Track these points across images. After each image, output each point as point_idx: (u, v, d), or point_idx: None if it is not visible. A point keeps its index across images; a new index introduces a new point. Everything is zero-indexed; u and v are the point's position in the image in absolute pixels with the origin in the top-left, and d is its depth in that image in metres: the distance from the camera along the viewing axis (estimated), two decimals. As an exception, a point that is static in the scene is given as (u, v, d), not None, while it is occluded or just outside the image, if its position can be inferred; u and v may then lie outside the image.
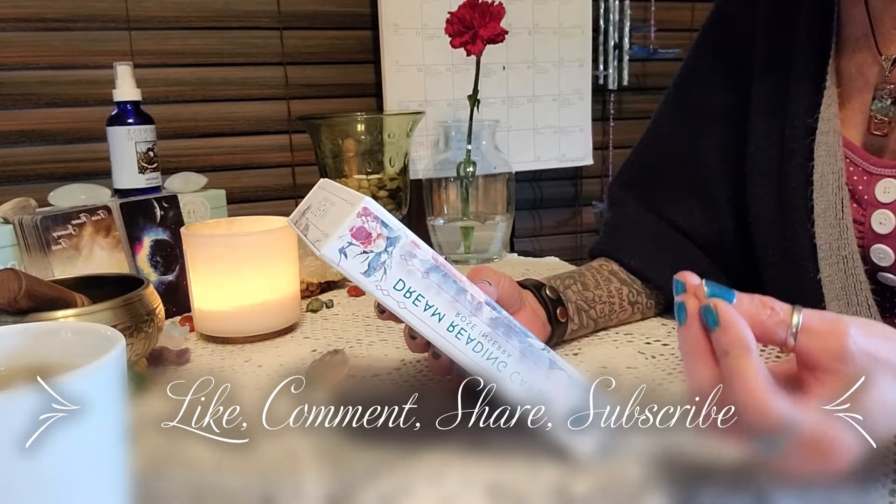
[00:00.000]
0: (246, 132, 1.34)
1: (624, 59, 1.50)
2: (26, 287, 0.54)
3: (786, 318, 0.41)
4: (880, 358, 0.40)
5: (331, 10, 1.35)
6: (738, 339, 0.39)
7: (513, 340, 0.45)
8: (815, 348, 0.40)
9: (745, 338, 0.39)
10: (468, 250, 1.13)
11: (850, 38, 0.66)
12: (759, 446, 0.39)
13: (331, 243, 0.41)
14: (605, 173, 1.59)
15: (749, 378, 0.38)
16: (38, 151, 1.23)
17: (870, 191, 0.63)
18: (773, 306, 0.41)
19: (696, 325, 0.41)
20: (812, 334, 0.40)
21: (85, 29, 1.22)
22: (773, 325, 0.41)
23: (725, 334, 0.40)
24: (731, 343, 0.39)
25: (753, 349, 0.39)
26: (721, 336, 0.40)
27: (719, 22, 0.76)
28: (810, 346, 0.40)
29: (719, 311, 0.40)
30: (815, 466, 0.39)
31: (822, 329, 0.40)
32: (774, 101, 0.69)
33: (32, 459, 0.31)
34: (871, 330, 0.41)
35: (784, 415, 0.38)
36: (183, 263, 0.80)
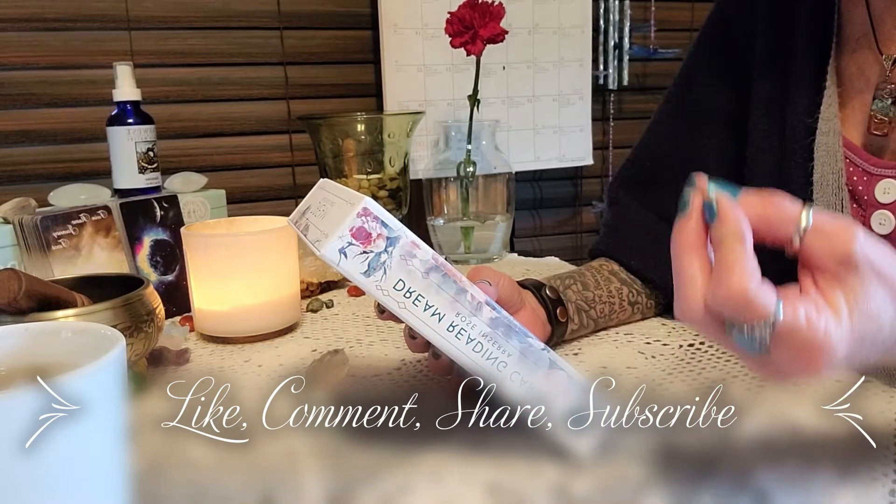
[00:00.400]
0: (246, 132, 1.34)
1: (624, 58, 1.50)
2: (26, 287, 0.54)
3: (794, 215, 0.40)
4: (882, 272, 0.39)
5: (331, 10, 1.35)
6: (733, 229, 0.39)
7: (513, 340, 0.45)
8: (820, 248, 0.40)
9: (740, 229, 0.39)
10: (468, 250, 1.13)
11: (851, 38, 0.66)
12: (741, 341, 0.39)
13: (331, 243, 0.41)
14: (605, 173, 1.59)
15: (738, 266, 0.38)
16: (38, 151, 1.23)
17: (869, 191, 0.63)
18: (782, 201, 0.41)
19: (696, 216, 0.41)
20: (820, 234, 0.40)
21: (85, 29, 1.22)
22: (779, 221, 0.40)
23: (722, 225, 0.40)
24: (726, 233, 0.39)
25: (747, 240, 0.39)
26: (717, 227, 0.40)
27: (719, 22, 0.76)
28: (816, 245, 0.40)
29: (719, 203, 0.40)
30: (797, 365, 0.39)
31: (831, 230, 0.40)
32: (774, 101, 0.69)
33: (32, 459, 0.31)
34: (878, 242, 0.40)
35: (768, 304, 0.38)
36: (183, 263, 0.80)
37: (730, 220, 0.39)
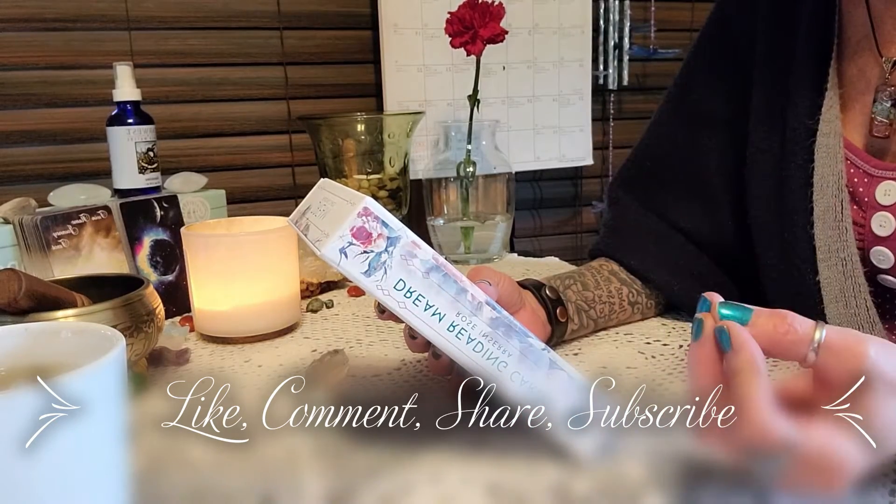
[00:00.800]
0: (246, 132, 1.34)
1: (624, 59, 1.50)
2: (26, 287, 0.54)
3: (806, 336, 0.40)
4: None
5: (331, 10, 1.35)
6: (747, 362, 0.39)
7: (513, 340, 0.45)
8: (832, 367, 0.40)
9: (755, 361, 0.39)
10: (468, 250, 1.13)
11: (852, 40, 0.66)
12: (758, 466, 0.39)
13: (331, 243, 0.41)
14: (605, 173, 1.59)
15: (754, 400, 0.38)
16: (38, 151, 1.23)
17: (870, 193, 0.63)
18: (792, 323, 0.41)
19: (709, 344, 0.41)
20: (831, 352, 0.40)
21: (85, 29, 1.22)
22: (791, 343, 0.41)
23: (736, 356, 0.40)
24: (741, 366, 0.39)
25: (762, 372, 0.39)
26: (732, 358, 0.40)
27: (719, 23, 0.76)
28: (828, 363, 0.40)
29: (732, 334, 0.40)
30: (815, 485, 0.39)
31: (842, 348, 0.40)
32: (775, 102, 0.69)
33: (32, 459, 0.31)
34: (890, 351, 0.40)
35: (785, 437, 0.38)
36: (183, 263, 0.80)
37: (744, 352, 0.40)
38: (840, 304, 0.64)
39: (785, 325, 0.41)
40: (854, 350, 0.40)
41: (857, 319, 0.63)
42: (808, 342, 0.40)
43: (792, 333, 0.41)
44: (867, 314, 0.63)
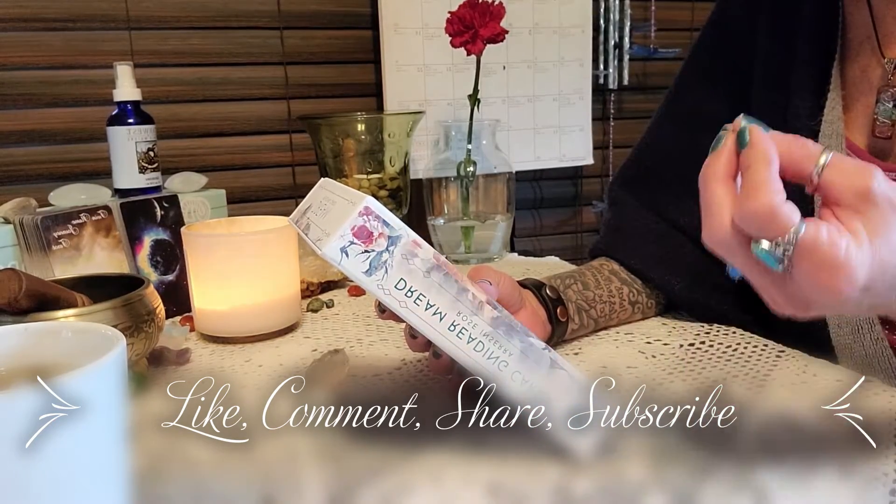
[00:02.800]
0: (246, 132, 1.34)
1: (624, 58, 1.50)
2: (27, 287, 0.54)
3: (815, 154, 0.42)
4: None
5: (331, 10, 1.35)
6: (762, 153, 0.41)
7: (514, 340, 0.45)
8: (840, 184, 0.41)
9: (769, 153, 0.41)
10: (468, 250, 1.13)
11: (854, 41, 0.66)
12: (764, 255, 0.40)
13: (332, 242, 0.41)
14: (606, 173, 1.59)
15: (765, 185, 0.40)
16: (38, 151, 1.23)
17: None
18: (805, 142, 0.42)
19: (727, 151, 0.43)
20: (838, 170, 0.41)
21: (85, 29, 1.22)
22: (801, 157, 0.42)
23: (752, 149, 0.41)
24: (755, 156, 0.41)
25: (774, 163, 0.41)
26: (747, 152, 0.42)
27: (719, 22, 0.76)
28: (835, 181, 0.41)
29: (752, 132, 0.42)
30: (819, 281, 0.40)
31: (849, 167, 0.41)
32: (775, 103, 0.69)
33: (32, 459, 0.31)
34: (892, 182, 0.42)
35: (792, 218, 0.39)
36: (183, 263, 0.80)
37: (759, 145, 0.41)
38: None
39: (798, 140, 0.42)
40: (862, 169, 0.41)
41: (856, 321, 0.63)
42: (816, 159, 0.42)
43: (804, 148, 0.42)
44: (867, 315, 0.63)
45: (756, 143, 0.41)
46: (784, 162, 0.42)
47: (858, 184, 0.40)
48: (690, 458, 0.43)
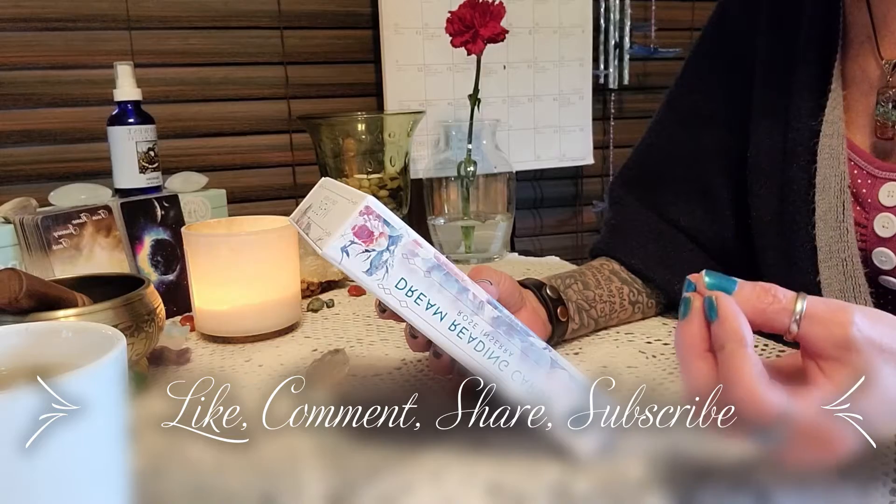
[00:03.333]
0: (246, 132, 1.34)
1: (624, 58, 1.50)
2: (27, 287, 0.54)
3: (788, 306, 0.41)
4: (885, 348, 0.39)
5: (331, 10, 1.35)
6: (733, 332, 0.39)
7: (514, 339, 0.45)
8: (818, 336, 0.40)
9: (741, 331, 0.39)
10: (469, 250, 1.13)
11: (855, 41, 0.66)
12: (756, 439, 0.39)
13: (333, 242, 0.41)
14: (606, 173, 1.59)
15: (743, 371, 0.38)
16: (38, 151, 1.23)
17: (873, 194, 0.63)
18: (776, 294, 0.41)
19: (697, 320, 0.41)
20: (815, 321, 0.40)
21: (85, 29, 1.22)
22: (774, 312, 0.41)
23: (722, 327, 0.40)
24: (728, 336, 0.39)
25: (749, 343, 0.39)
26: (718, 328, 0.40)
27: (720, 23, 0.76)
28: (813, 333, 0.40)
29: (719, 303, 0.40)
30: (814, 456, 0.39)
31: (826, 316, 0.40)
32: (776, 102, 0.69)
33: (32, 459, 0.31)
34: (876, 318, 0.40)
35: (778, 406, 0.38)
36: (184, 263, 0.80)
37: (730, 322, 0.40)
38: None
39: (769, 295, 0.41)
40: (838, 318, 0.40)
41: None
42: (791, 312, 0.40)
43: (776, 303, 0.41)
44: None
45: (726, 317, 0.40)
46: (756, 320, 0.40)
47: (837, 334, 0.39)
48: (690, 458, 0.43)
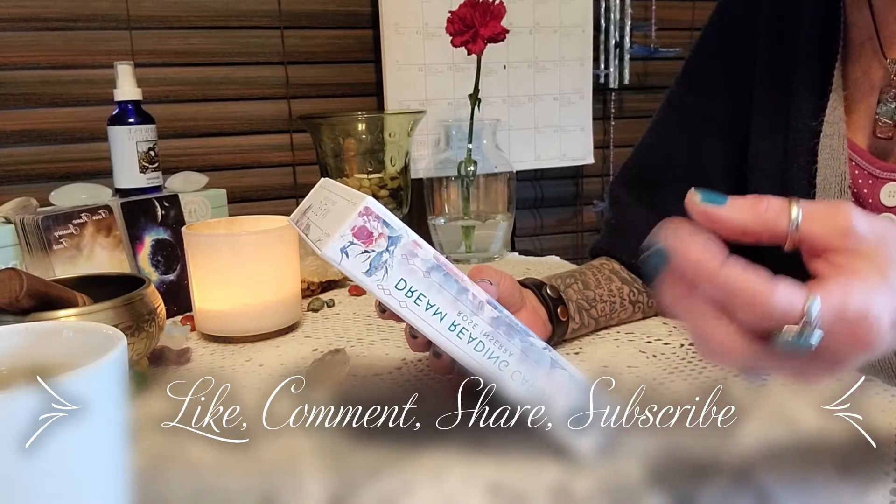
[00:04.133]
0: (247, 132, 1.34)
1: (625, 57, 1.50)
2: (27, 286, 0.54)
3: (783, 208, 0.39)
4: (889, 237, 0.38)
5: (331, 10, 1.35)
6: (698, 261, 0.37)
7: (514, 339, 0.45)
8: (820, 231, 0.38)
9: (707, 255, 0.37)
10: (469, 249, 1.13)
11: (856, 42, 0.66)
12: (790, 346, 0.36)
13: (332, 243, 0.41)
14: (606, 172, 1.59)
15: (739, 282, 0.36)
16: (38, 151, 1.23)
17: (874, 194, 0.63)
18: (769, 200, 0.39)
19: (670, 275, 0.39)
20: (814, 219, 0.39)
21: (85, 28, 1.22)
22: (773, 216, 0.39)
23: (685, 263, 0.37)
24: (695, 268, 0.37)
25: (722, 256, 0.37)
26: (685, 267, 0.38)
27: (721, 23, 0.76)
28: (815, 229, 0.38)
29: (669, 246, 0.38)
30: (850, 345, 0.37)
31: (825, 212, 0.39)
32: (777, 102, 0.69)
33: (32, 459, 0.31)
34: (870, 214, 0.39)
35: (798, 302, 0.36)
36: (184, 263, 0.80)
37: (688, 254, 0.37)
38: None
39: (762, 201, 0.39)
40: (837, 210, 0.38)
41: None
42: (787, 214, 0.39)
43: (770, 208, 0.39)
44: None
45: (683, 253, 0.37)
46: (758, 228, 0.39)
47: (840, 225, 0.38)
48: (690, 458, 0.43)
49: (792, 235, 0.39)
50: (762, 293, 0.36)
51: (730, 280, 0.36)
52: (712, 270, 0.36)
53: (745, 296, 0.36)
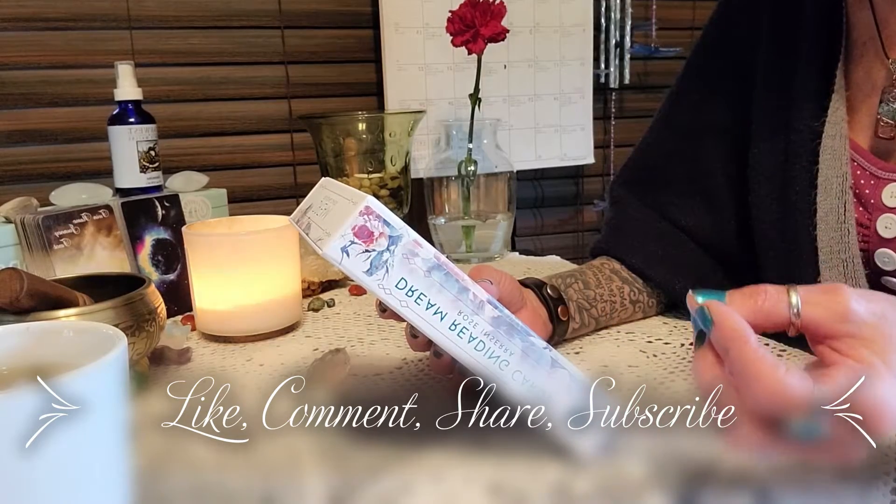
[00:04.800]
0: (247, 131, 1.34)
1: (625, 57, 1.50)
2: (28, 286, 0.54)
3: (782, 297, 0.40)
4: (889, 317, 0.39)
5: (332, 9, 1.35)
6: (732, 331, 0.39)
7: (515, 339, 0.45)
8: (822, 317, 0.40)
9: (740, 327, 0.39)
10: (469, 249, 1.13)
11: (858, 42, 0.66)
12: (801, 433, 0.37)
13: (333, 242, 0.41)
14: (607, 172, 1.59)
15: (756, 365, 0.37)
16: (39, 151, 1.23)
17: (876, 195, 0.63)
18: (766, 289, 0.41)
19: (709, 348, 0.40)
20: (814, 304, 0.40)
21: (86, 28, 1.22)
22: (771, 306, 0.40)
23: (720, 331, 0.39)
24: (728, 336, 0.39)
25: (751, 337, 0.39)
26: (717, 334, 0.39)
27: (721, 23, 0.76)
28: (816, 315, 0.40)
29: (711, 309, 0.40)
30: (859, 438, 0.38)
31: (822, 297, 0.40)
32: (778, 103, 0.68)
33: (32, 459, 0.31)
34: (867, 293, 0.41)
35: (808, 389, 0.37)
36: (184, 263, 0.80)
37: (726, 322, 0.39)
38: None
39: (760, 292, 0.41)
40: (833, 296, 0.40)
41: None
42: (787, 303, 0.40)
43: (769, 298, 0.40)
44: None
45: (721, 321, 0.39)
46: (757, 320, 0.40)
47: (839, 310, 0.39)
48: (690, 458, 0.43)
49: (794, 322, 0.40)
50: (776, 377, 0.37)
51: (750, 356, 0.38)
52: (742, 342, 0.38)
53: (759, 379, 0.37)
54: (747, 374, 0.38)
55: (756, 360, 0.38)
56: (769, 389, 0.37)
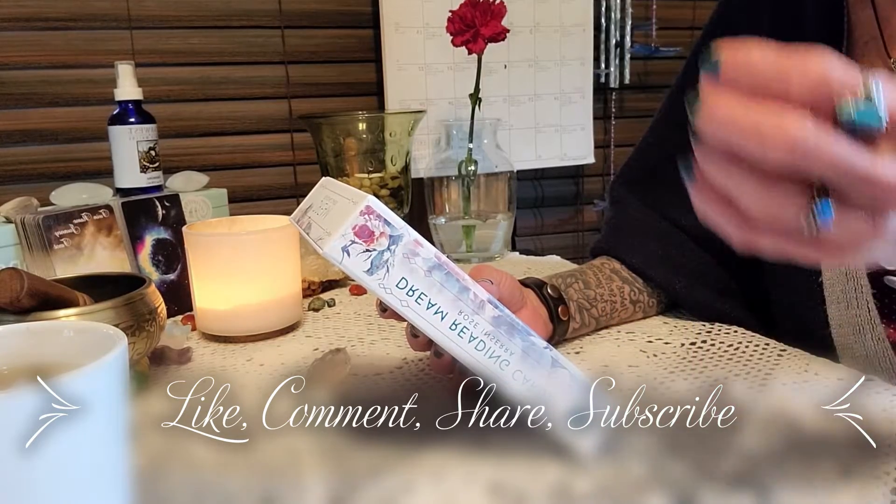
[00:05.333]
0: (247, 131, 1.34)
1: (625, 57, 1.50)
2: (28, 286, 0.54)
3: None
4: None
5: (332, 9, 1.35)
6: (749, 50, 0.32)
7: (515, 339, 0.45)
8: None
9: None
10: (469, 249, 1.13)
11: (859, 42, 0.66)
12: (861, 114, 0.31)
13: (333, 242, 0.41)
14: (607, 172, 1.59)
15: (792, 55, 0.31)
16: (39, 151, 1.23)
17: None
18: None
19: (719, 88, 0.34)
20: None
21: (86, 28, 1.22)
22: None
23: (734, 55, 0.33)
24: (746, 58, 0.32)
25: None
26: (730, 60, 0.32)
27: (721, 23, 0.76)
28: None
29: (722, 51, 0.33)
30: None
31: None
32: None
33: (32, 459, 0.31)
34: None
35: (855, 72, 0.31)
36: (185, 262, 0.80)
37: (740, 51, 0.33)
38: (841, 305, 0.64)
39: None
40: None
41: (857, 320, 0.63)
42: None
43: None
44: (868, 315, 0.63)
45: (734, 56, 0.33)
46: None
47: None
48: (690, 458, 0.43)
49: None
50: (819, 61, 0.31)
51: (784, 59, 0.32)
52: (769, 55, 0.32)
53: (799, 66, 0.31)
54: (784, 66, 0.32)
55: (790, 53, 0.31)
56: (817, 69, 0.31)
